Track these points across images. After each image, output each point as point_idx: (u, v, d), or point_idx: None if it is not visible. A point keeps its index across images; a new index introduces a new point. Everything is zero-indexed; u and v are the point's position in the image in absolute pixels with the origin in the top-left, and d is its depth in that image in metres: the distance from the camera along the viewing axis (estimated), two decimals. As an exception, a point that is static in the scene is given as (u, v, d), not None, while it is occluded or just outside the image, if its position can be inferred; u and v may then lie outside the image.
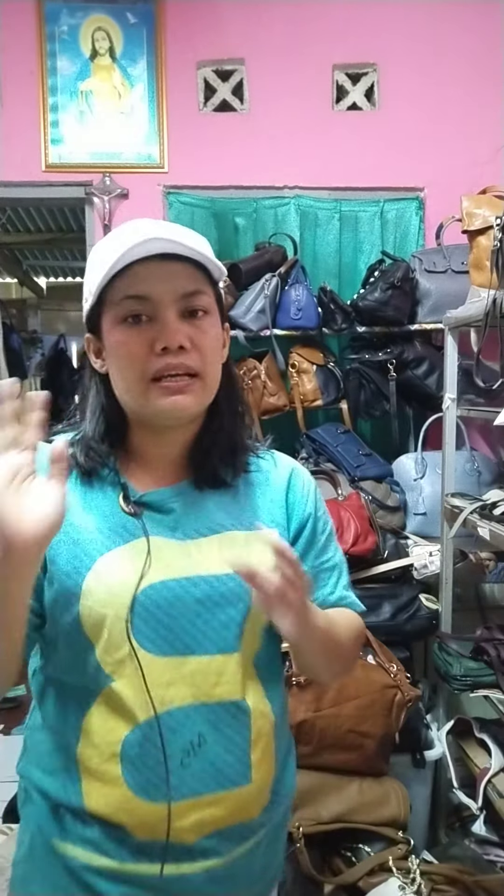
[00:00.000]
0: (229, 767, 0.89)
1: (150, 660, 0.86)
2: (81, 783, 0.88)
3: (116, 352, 0.87)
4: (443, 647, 2.02)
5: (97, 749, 0.87)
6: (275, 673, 0.99)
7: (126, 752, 0.86)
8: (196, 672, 0.87)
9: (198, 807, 0.87)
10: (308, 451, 2.48)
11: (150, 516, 0.90)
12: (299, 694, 1.76)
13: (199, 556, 0.89)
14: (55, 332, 5.94)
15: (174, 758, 0.86)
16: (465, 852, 1.85)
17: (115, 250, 0.83)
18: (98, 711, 0.87)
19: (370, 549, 2.11)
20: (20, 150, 2.68)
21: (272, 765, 0.94)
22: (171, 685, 0.86)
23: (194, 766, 0.87)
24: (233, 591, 0.89)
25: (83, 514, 0.88)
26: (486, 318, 1.73)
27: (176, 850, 0.86)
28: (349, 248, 2.75)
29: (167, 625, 0.87)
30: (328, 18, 2.72)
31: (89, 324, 0.91)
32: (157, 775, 0.85)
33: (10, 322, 4.86)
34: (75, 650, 0.87)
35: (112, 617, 0.85)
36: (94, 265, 0.87)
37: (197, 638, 0.88)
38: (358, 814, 1.76)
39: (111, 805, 0.86)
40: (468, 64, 2.74)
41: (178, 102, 2.71)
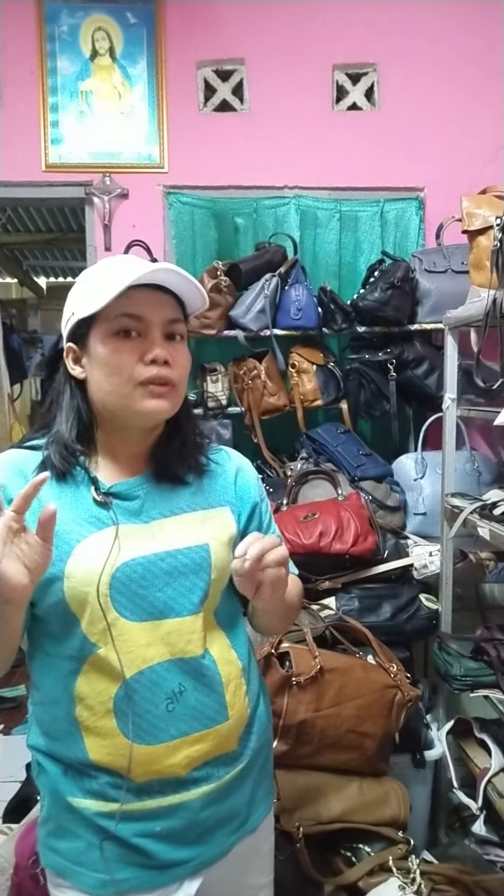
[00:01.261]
0: (208, 708, 1.05)
1: (130, 626, 1.00)
2: (84, 741, 1.01)
3: (108, 359, 1.01)
4: (443, 647, 2.02)
5: (92, 709, 1.01)
6: (237, 626, 1.15)
7: (118, 707, 1.00)
8: (170, 632, 1.03)
9: (185, 744, 1.02)
10: (308, 451, 2.48)
11: (118, 504, 1.04)
12: (299, 694, 1.76)
13: (162, 535, 1.05)
14: (55, 332, 5.90)
15: (159, 705, 1.01)
16: (465, 852, 1.85)
17: (116, 276, 0.98)
18: (87, 677, 1.01)
19: (370, 549, 2.11)
20: (20, 150, 2.68)
21: (245, 702, 1.11)
22: (150, 646, 1.01)
23: (178, 710, 1.02)
24: (194, 561, 1.05)
25: (60, 509, 0.96)
26: (486, 318, 1.73)
27: (172, 783, 1.02)
28: (349, 248, 2.75)
29: (141, 595, 1.01)
30: (328, 18, 2.72)
31: (72, 335, 1.05)
32: (147, 722, 1.01)
33: (10, 322, 4.85)
34: (63, 626, 1.01)
35: (93, 594, 0.98)
36: (86, 287, 1.04)
37: (168, 604, 1.03)
38: (358, 814, 1.76)
39: (112, 754, 1.00)
40: (468, 64, 2.74)
41: (178, 102, 2.71)
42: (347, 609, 2.08)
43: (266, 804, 1.20)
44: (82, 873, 1.02)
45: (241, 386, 2.49)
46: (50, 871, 1.07)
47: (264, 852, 1.21)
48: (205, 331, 2.47)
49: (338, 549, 2.06)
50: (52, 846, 1.06)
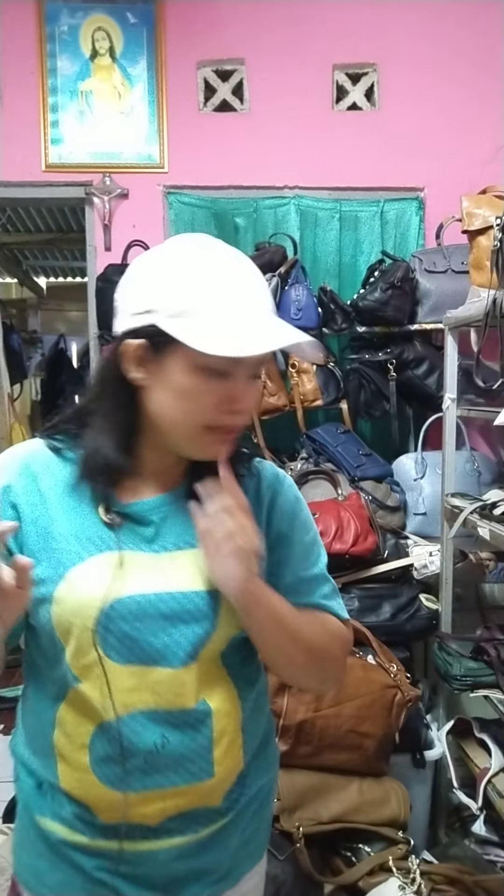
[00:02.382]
0: (191, 764, 0.92)
1: (115, 668, 0.88)
2: (57, 766, 0.93)
3: (184, 391, 0.85)
4: (443, 647, 2.02)
5: (69, 738, 0.92)
6: (250, 671, 1.00)
7: (93, 745, 0.90)
8: (159, 682, 0.89)
9: (161, 797, 0.91)
10: (308, 451, 2.48)
11: (129, 527, 0.91)
12: (299, 694, 1.76)
13: (172, 570, 0.90)
14: (55, 332, 5.92)
15: (137, 756, 0.89)
16: (465, 852, 1.85)
17: (230, 317, 0.82)
18: (69, 706, 0.91)
19: (370, 549, 2.11)
20: (20, 150, 2.68)
21: (238, 759, 0.96)
22: (135, 691, 0.89)
23: (158, 763, 0.90)
24: (199, 608, 0.90)
25: (63, 521, 0.90)
26: (486, 318, 1.73)
27: (140, 830, 0.91)
28: (349, 248, 2.75)
29: (132, 637, 0.88)
30: (328, 18, 2.72)
31: (144, 333, 0.84)
32: (121, 770, 0.90)
33: (10, 322, 4.85)
34: (52, 648, 0.91)
35: (79, 626, 0.87)
36: (183, 295, 0.82)
37: (161, 651, 0.89)
38: (358, 814, 1.76)
39: (80, 789, 0.91)
40: (468, 64, 2.74)
41: (178, 102, 2.71)
42: (348, 609, 2.08)
43: (258, 855, 1.06)
44: (48, 893, 0.96)
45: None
46: (18, 880, 1.01)
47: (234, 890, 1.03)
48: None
49: (338, 549, 2.06)
50: (20, 857, 1.01)
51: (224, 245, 0.87)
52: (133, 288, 0.87)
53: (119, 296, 0.89)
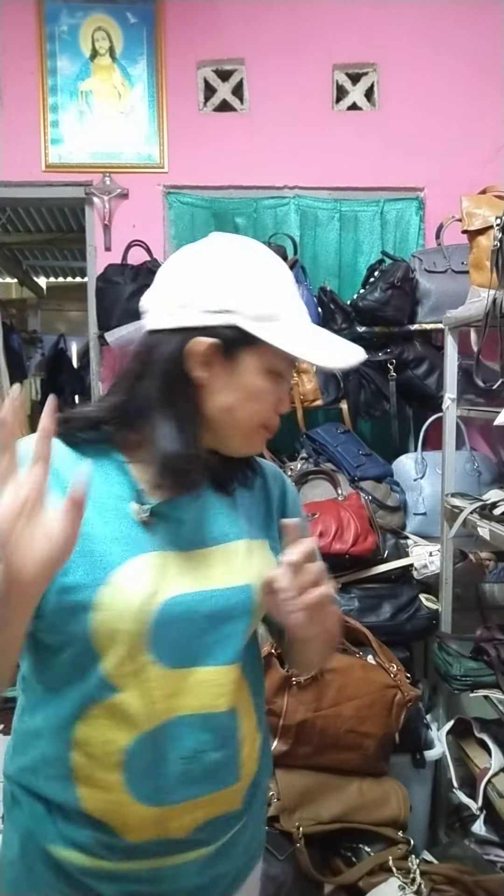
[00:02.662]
0: (223, 769, 0.91)
1: (161, 672, 0.86)
2: (76, 789, 0.87)
3: (255, 392, 0.87)
4: (443, 647, 2.02)
5: (95, 759, 0.86)
6: (258, 675, 1.02)
7: (129, 761, 0.86)
8: (201, 682, 0.88)
9: (194, 807, 0.89)
10: (308, 451, 2.48)
11: (162, 525, 0.88)
12: (299, 694, 1.76)
13: (207, 568, 0.89)
14: (55, 332, 5.93)
15: (175, 764, 0.87)
16: (465, 852, 1.85)
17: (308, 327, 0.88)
18: (93, 722, 0.86)
19: (370, 549, 2.11)
20: (20, 150, 2.68)
21: (256, 760, 0.97)
22: (177, 696, 0.87)
23: (195, 772, 0.88)
24: (238, 605, 0.90)
25: (97, 521, 0.84)
26: (486, 318, 1.73)
27: (169, 845, 0.89)
28: (349, 248, 2.75)
29: (178, 638, 0.86)
30: (328, 18, 2.72)
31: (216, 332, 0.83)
32: (160, 782, 0.87)
33: (10, 322, 4.86)
34: (76, 662, 0.86)
35: (128, 632, 0.83)
36: (266, 299, 0.84)
37: (204, 651, 0.88)
38: (358, 814, 1.76)
39: (109, 810, 0.87)
40: (468, 63, 2.74)
41: (178, 102, 2.71)
42: (347, 609, 2.08)
43: (259, 853, 1.08)
44: None
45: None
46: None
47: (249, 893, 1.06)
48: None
49: (338, 549, 2.06)
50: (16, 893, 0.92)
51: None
52: (203, 284, 0.84)
53: (176, 290, 0.86)
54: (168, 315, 0.85)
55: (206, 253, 0.88)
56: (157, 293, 0.88)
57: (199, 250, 0.88)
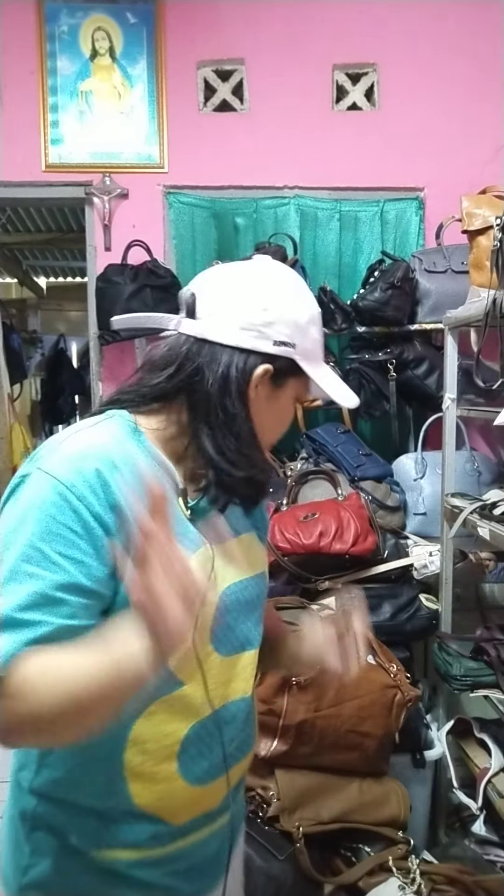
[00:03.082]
0: (250, 737, 1.04)
1: (218, 660, 0.93)
2: (128, 786, 0.89)
3: (285, 416, 0.99)
4: (443, 647, 2.02)
5: (150, 754, 0.89)
6: None
7: (184, 749, 0.91)
8: (245, 666, 0.97)
9: (227, 779, 0.97)
10: (308, 451, 2.48)
11: (197, 522, 0.92)
12: (299, 694, 1.76)
13: (236, 559, 0.97)
14: (55, 332, 5.94)
15: (225, 745, 0.95)
16: (465, 852, 1.85)
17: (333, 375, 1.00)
18: (152, 719, 0.88)
19: (370, 549, 2.11)
20: (20, 150, 2.68)
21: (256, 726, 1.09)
22: (229, 682, 0.95)
23: (233, 747, 0.97)
24: (261, 591, 1.02)
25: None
26: (486, 318, 1.73)
27: (204, 819, 0.96)
28: (349, 248, 2.75)
29: (231, 627, 0.94)
30: (328, 18, 2.72)
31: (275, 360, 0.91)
32: (210, 762, 0.94)
33: (10, 322, 4.85)
34: None
35: (198, 626, 0.81)
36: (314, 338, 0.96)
37: (247, 636, 0.98)
38: (358, 814, 1.76)
39: (161, 799, 0.91)
40: (468, 63, 2.74)
41: (178, 102, 2.71)
42: (347, 609, 2.08)
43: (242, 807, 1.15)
44: None
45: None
46: None
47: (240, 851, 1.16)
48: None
49: (338, 549, 2.06)
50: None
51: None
52: (277, 316, 0.90)
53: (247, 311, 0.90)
54: (237, 332, 0.89)
55: (276, 281, 0.94)
56: (222, 306, 0.91)
57: (264, 274, 0.94)
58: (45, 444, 0.88)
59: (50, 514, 0.78)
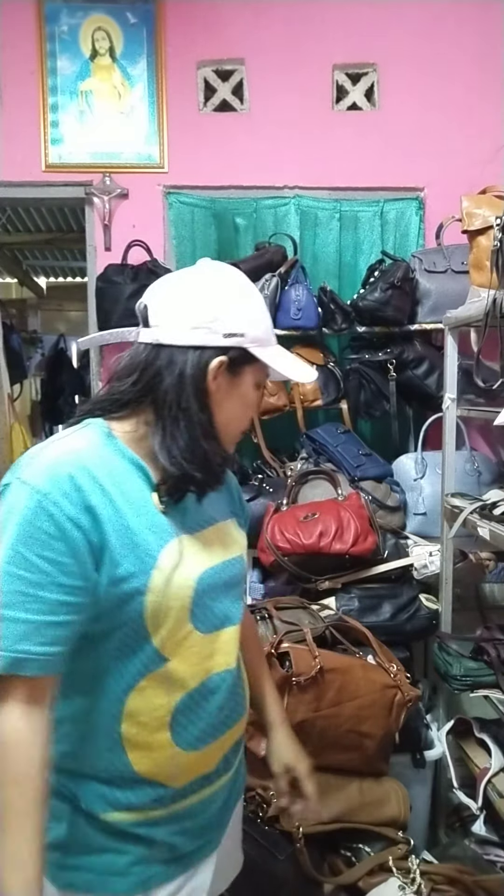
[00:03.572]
0: (239, 706, 1.11)
1: (200, 638, 1.01)
2: (127, 755, 0.99)
3: (248, 403, 1.04)
4: (443, 647, 2.02)
5: (143, 726, 0.98)
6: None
7: (175, 719, 1.00)
8: (227, 641, 1.06)
9: (221, 744, 1.07)
10: (308, 451, 2.48)
11: (172, 513, 1.01)
12: (299, 694, 1.76)
13: (211, 546, 1.05)
14: (55, 332, 5.93)
15: (213, 713, 1.04)
16: (465, 852, 1.85)
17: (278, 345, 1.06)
18: (143, 693, 0.98)
19: (370, 549, 2.11)
20: (20, 150, 2.68)
21: (247, 691, 1.18)
22: (212, 656, 1.03)
23: (223, 714, 1.06)
24: (238, 570, 1.10)
25: (130, 513, 0.95)
26: (486, 318, 1.73)
27: (201, 781, 1.05)
28: (349, 248, 2.75)
29: (209, 606, 1.02)
30: (328, 18, 2.72)
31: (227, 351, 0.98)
32: (201, 730, 1.03)
33: (10, 322, 4.85)
34: (127, 643, 0.96)
35: (177, 608, 0.97)
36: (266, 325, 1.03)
37: (226, 614, 1.06)
38: (358, 814, 1.76)
39: (158, 766, 1.00)
40: (468, 63, 2.74)
41: (178, 102, 2.71)
42: (347, 609, 2.08)
43: (244, 768, 1.26)
44: (113, 881, 1.00)
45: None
46: (70, 891, 1.00)
47: (240, 811, 1.27)
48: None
49: (338, 549, 2.06)
50: (75, 864, 1.00)
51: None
52: (222, 310, 0.98)
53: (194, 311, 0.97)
54: (187, 332, 0.97)
55: (217, 279, 1.01)
56: (170, 311, 0.98)
57: (205, 275, 1.02)
58: (24, 454, 0.96)
59: (28, 519, 0.87)
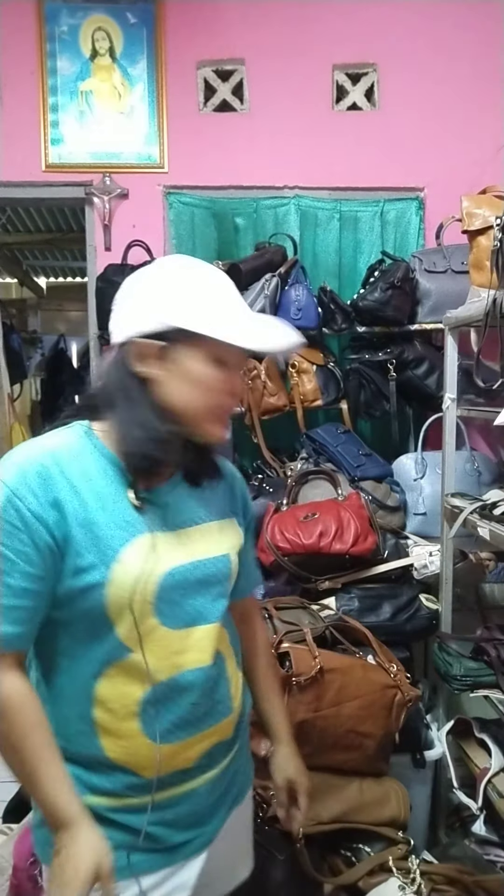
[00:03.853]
0: (221, 705, 1.11)
1: (167, 633, 1.03)
2: (100, 740, 1.03)
3: (202, 379, 1.00)
4: (443, 647, 2.02)
5: (113, 713, 1.02)
6: (232, 626, 1.21)
7: (144, 710, 1.02)
8: (201, 639, 1.06)
9: (198, 741, 1.08)
10: (308, 451, 2.48)
11: (151, 510, 1.04)
12: (299, 694, 1.76)
13: (192, 544, 1.07)
14: (55, 332, 5.92)
15: (185, 708, 1.05)
16: (465, 852, 1.85)
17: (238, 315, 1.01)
18: (112, 680, 1.01)
19: (370, 549, 2.11)
20: (20, 150, 2.68)
21: (241, 694, 1.18)
22: (183, 652, 1.04)
23: (199, 711, 1.07)
24: (220, 570, 1.10)
25: (98, 509, 0.99)
26: (486, 318, 1.73)
27: (179, 775, 1.07)
28: (349, 248, 2.75)
29: (178, 603, 1.04)
30: (328, 18, 2.72)
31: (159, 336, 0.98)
32: (172, 723, 1.04)
33: (10, 322, 4.85)
34: (92, 630, 1.00)
35: (138, 601, 0.99)
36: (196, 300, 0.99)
37: (200, 611, 1.06)
38: (358, 814, 1.76)
39: (128, 754, 1.03)
40: (468, 64, 2.74)
41: (178, 102, 2.71)
42: (347, 609, 2.08)
43: (248, 774, 1.27)
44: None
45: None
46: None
47: (247, 818, 1.28)
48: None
49: (338, 549, 2.06)
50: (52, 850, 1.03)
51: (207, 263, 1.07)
52: (147, 298, 1.00)
53: (125, 306, 1.03)
54: (130, 326, 1.01)
55: (153, 271, 1.04)
56: (118, 312, 1.04)
57: (145, 270, 1.05)
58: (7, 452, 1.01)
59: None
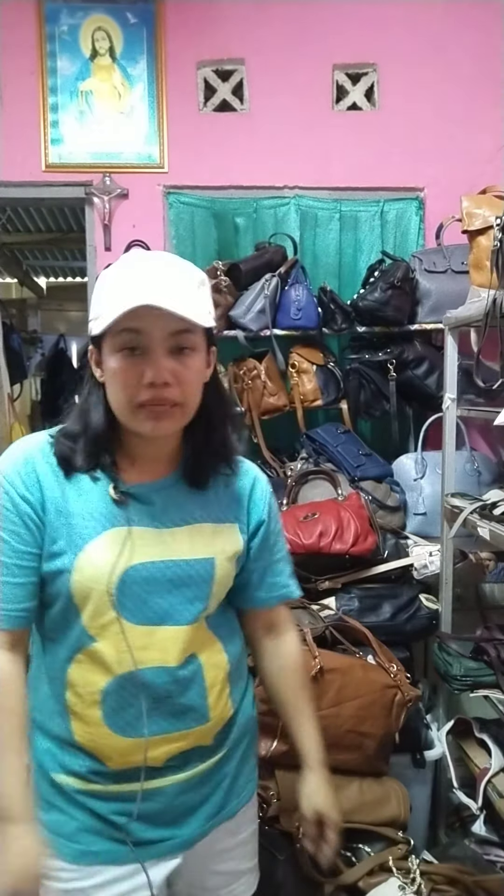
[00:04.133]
0: (192, 711, 1.09)
1: (129, 627, 1.03)
2: (71, 723, 1.06)
3: (112, 376, 1.00)
4: (443, 647, 2.02)
5: (80, 697, 1.05)
6: (230, 630, 1.18)
7: (105, 699, 1.04)
8: (166, 639, 1.05)
9: (166, 741, 1.07)
10: (308, 451, 2.48)
11: (135, 505, 1.05)
12: (299, 694, 1.76)
13: (173, 543, 1.06)
14: (55, 332, 5.92)
15: (146, 704, 1.04)
16: (465, 852, 1.85)
17: (121, 288, 0.96)
18: (80, 666, 1.05)
19: (370, 549, 2.11)
20: (20, 150, 2.68)
21: (227, 704, 1.14)
22: (145, 649, 1.04)
23: (163, 711, 1.06)
24: (198, 573, 1.07)
25: (76, 501, 1.03)
26: (486, 318, 1.73)
27: (148, 771, 1.06)
28: (349, 248, 2.75)
29: (144, 599, 1.04)
30: (328, 18, 2.72)
31: (94, 339, 1.02)
32: (132, 717, 1.05)
33: (10, 322, 4.85)
34: (64, 615, 1.05)
35: (99, 591, 1.01)
36: (102, 292, 1.00)
37: (168, 611, 1.05)
38: (358, 814, 1.76)
39: (93, 741, 1.05)
40: (468, 64, 2.74)
41: (178, 102, 2.71)
42: (347, 609, 2.08)
43: (247, 791, 1.23)
44: (62, 843, 1.06)
45: (241, 386, 2.49)
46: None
47: (244, 838, 1.23)
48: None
49: (338, 549, 2.06)
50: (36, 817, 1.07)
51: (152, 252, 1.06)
52: (93, 300, 1.03)
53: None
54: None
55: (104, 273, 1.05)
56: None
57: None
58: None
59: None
